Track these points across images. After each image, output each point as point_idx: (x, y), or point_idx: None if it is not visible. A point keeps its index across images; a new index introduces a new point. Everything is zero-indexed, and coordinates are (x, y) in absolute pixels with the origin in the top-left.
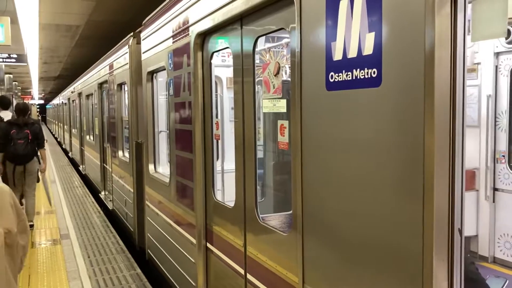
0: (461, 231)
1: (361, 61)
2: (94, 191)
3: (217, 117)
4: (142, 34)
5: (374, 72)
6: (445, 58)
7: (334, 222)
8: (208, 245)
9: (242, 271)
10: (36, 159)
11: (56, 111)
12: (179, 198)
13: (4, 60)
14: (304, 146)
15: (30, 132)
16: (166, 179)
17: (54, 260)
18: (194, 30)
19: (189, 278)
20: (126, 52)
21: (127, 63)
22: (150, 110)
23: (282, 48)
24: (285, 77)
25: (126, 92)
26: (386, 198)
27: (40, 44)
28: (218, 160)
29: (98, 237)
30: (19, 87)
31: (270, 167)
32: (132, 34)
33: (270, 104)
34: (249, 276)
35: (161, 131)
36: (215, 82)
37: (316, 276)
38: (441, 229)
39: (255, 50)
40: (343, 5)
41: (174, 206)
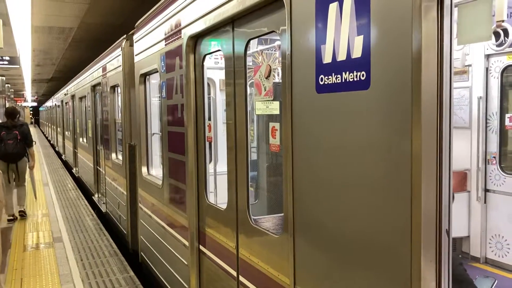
0: (448, 232)
1: (350, 64)
2: (87, 194)
3: (210, 119)
4: (135, 37)
5: (363, 75)
6: (431, 61)
7: (325, 224)
8: (201, 247)
9: (234, 273)
10: (26, 158)
11: (49, 114)
12: (172, 200)
13: None
14: (295, 148)
15: (19, 133)
16: (159, 181)
17: (47, 263)
18: (186, 33)
19: (182, 281)
20: (119, 54)
21: (120, 66)
22: (143, 113)
23: (275, 50)
24: (277, 79)
25: (119, 94)
26: (375, 199)
27: (32, 46)
28: (211, 162)
29: (91, 240)
30: (12, 90)
31: (263, 169)
32: (125, 36)
33: (263, 106)
34: (241, 278)
35: (154, 133)
36: (208, 84)
37: (307, 277)
38: (429, 230)
39: (247, 52)
40: (333, 8)
41: (167, 209)
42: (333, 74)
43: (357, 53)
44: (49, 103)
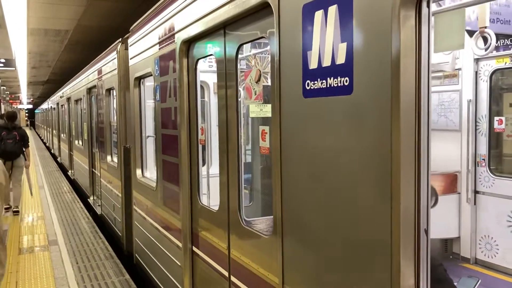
0: (427, 232)
1: (334, 69)
2: (83, 196)
3: (203, 122)
4: (130, 40)
5: (346, 80)
6: (410, 67)
7: (311, 224)
8: (194, 248)
9: (226, 274)
10: (22, 157)
11: (45, 116)
12: (166, 202)
13: None
14: (283, 151)
15: (17, 134)
16: (153, 184)
17: (42, 266)
18: (180, 37)
19: (175, 281)
20: (115, 57)
21: (116, 69)
22: (138, 115)
23: (268, 54)
24: (269, 82)
25: (115, 97)
26: (358, 200)
27: (28, 48)
28: (204, 165)
29: (87, 243)
30: (7, 92)
31: (258, 171)
32: (120, 40)
33: (257, 109)
34: (233, 278)
35: (148, 136)
36: (202, 87)
37: (295, 276)
38: (407, 229)
39: (238, 57)
40: (318, 16)
41: (160, 210)
42: (318, 79)
43: (341, 59)
44: (44, 106)
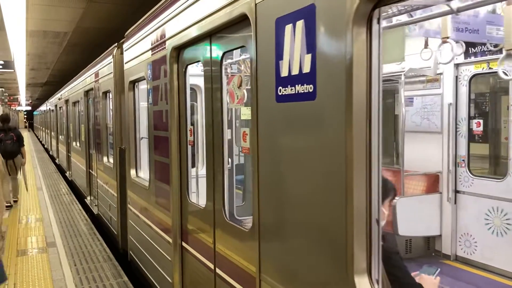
0: (378, 221)
1: (301, 78)
2: (80, 197)
3: (192, 124)
4: (125, 45)
5: (311, 87)
6: (361, 77)
7: (282, 218)
8: (183, 243)
9: (212, 266)
10: (20, 155)
11: (43, 118)
12: (157, 200)
13: None
14: (260, 151)
15: (14, 135)
16: (146, 183)
17: (40, 268)
18: (170, 44)
19: (166, 276)
20: (111, 62)
21: (111, 72)
22: (132, 118)
23: None
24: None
25: (111, 100)
26: (321, 195)
27: (27, 50)
28: (195, 167)
29: (85, 244)
30: (6, 94)
31: (250, 173)
32: (116, 44)
33: (248, 111)
34: (218, 270)
35: (142, 138)
36: (194, 90)
37: (269, 265)
38: (360, 219)
39: (223, 63)
40: (288, 29)
41: (153, 208)
42: (288, 86)
43: (306, 68)
44: (43, 108)
